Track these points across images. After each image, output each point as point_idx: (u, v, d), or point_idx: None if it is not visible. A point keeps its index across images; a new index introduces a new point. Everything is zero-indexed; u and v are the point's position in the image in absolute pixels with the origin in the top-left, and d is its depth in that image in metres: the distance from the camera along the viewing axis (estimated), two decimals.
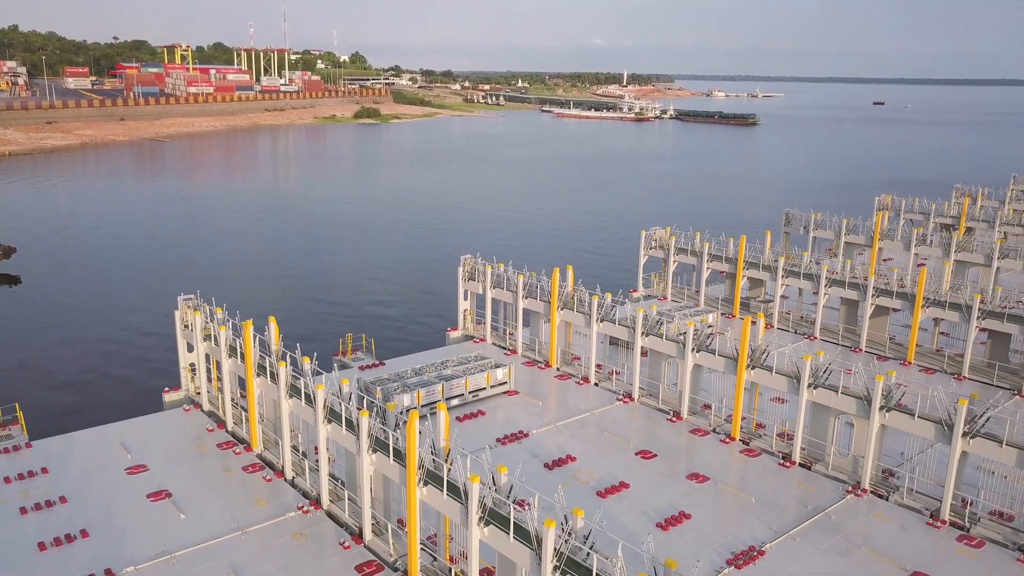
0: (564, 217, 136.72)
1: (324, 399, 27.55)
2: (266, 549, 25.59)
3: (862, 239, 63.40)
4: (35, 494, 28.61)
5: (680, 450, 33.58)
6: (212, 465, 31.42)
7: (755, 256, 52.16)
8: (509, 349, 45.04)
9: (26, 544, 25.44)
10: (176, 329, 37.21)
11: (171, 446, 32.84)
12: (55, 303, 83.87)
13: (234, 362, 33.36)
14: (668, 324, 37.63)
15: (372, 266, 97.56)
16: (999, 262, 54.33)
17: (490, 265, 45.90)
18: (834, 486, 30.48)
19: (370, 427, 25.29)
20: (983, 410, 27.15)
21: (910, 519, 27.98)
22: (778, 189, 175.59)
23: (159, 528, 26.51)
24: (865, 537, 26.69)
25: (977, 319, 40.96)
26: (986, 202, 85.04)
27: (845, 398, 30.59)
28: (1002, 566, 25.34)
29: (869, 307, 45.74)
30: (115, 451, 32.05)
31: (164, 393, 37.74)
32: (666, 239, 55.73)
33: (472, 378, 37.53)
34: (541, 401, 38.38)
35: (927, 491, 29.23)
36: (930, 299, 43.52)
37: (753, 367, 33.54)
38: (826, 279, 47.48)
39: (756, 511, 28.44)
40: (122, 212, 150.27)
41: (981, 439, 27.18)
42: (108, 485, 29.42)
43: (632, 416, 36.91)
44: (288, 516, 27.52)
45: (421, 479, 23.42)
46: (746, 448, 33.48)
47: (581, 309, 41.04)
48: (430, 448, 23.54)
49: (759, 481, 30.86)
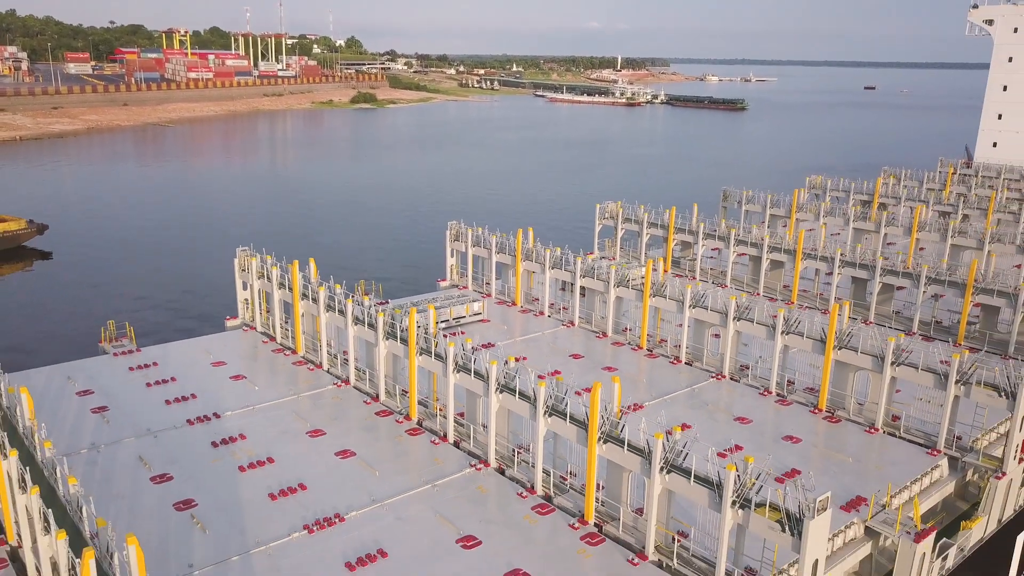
0: (541, 194, 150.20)
1: (352, 312, 40.67)
2: (316, 406, 38.74)
3: (782, 211, 76.53)
4: (151, 375, 41.76)
5: (604, 355, 46.77)
6: (270, 362, 44.62)
7: (689, 225, 65.03)
8: (485, 293, 58.10)
9: (160, 405, 38.62)
10: (235, 272, 50.16)
11: (239, 351, 46.01)
12: (120, 266, 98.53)
13: (283, 292, 46.39)
14: (600, 270, 50.66)
15: (376, 232, 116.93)
16: (918, 234, 66.73)
17: (471, 228, 58.89)
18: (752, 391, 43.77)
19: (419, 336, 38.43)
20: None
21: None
22: (742, 171, 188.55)
23: (243, 395, 39.68)
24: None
25: (880, 275, 52.75)
26: (908, 182, 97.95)
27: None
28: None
29: (765, 261, 59.03)
30: (201, 354, 45.15)
31: (227, 320, 50.81)
32: (616, 211, 68.66)
33: (456, 308, 50.67)
34: (507, 326, 51.58)
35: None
36: (809, 253, 56.75)
37: (655, 295, 46.75)
38: (734, 240, 60.69)
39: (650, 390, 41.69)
40: (139, 192, 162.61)
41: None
42: (202, 372, 42.52)
43: (572, 336, 50.15)
44: (326, 388, 40.77)
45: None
46: (649, 353, 46.82)
47: (539, 260, 54.09)
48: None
49: (657, 374, 44.11)
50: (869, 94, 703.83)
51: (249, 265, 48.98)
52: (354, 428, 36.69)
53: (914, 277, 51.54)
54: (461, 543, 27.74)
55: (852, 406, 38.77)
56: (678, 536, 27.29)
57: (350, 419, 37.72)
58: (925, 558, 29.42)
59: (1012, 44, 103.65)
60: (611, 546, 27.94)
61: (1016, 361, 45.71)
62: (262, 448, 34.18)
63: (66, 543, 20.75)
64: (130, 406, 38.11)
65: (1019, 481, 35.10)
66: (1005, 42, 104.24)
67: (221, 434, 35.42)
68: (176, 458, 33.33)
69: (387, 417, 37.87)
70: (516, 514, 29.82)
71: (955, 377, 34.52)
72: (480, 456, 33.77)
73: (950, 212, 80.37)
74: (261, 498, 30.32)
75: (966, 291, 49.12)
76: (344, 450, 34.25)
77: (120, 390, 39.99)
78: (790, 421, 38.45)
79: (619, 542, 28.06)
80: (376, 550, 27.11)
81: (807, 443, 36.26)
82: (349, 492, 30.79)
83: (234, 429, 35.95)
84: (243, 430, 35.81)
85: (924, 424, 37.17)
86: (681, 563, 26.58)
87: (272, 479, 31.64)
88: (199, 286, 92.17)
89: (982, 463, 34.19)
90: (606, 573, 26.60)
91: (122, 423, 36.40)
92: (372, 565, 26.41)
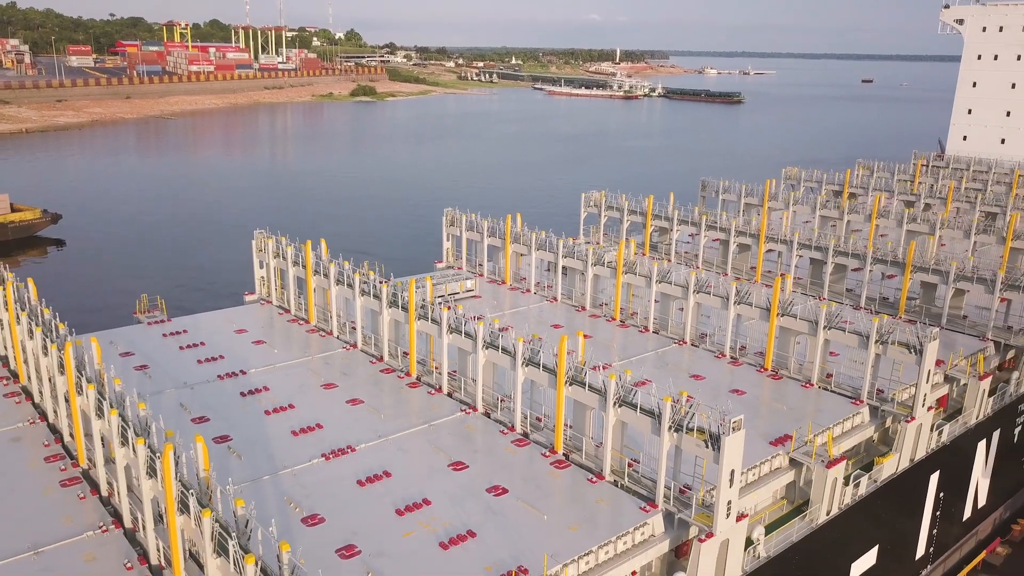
0: (536, 184, 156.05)
1: (359, 285, 46.51)
2: (328, 365, 44.63)
3: (756, 200, 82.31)
4: (183, 340, 47.66)
5: (582, 326, 52.60)
6: (287, 330, 50.51)
7: (666, 212, 70.82)
8: (478, 273, 63.91)
9: (193, 364, 44.50)
10: (253, 253, 55.94)
11: (258, 321, 51.92)
12: (134, 253, 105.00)
13: (297, 268, 52.21)
14: (580, 251, 56.44)
15: (378, 219, 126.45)
16: (880, 221, 72.60)
17: (464, 214, 64.67)
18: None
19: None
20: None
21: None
22: (731, 161, 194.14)
23: (264, 356, 45.56)
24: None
25: (832, 256, 58.68)
26: (881, 173, 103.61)
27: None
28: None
29: (732, 244, 64.91)
30: (225, 323, 51.02)
31: (245, 296, 56.65)
32: (599, 199, 74.40)
33: (451, 285, 56.53)
34: (497, 301, 57.46)
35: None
36: (772, 237, 62.58)
37: (627, 272, 52.62)
38: (705, 225, 66.52)
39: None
40: (147, 184, 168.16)
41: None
42: (227, 338, 48.37)
43: (555, 310, 56.02)
44: (336, 351, 46.68)
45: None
46: (622, 324, 52.75)
47: (526, 243, 59.89)
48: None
49: (627, 341, 50.01)
50: (867, 87, 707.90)
51: (266, 246, 54.78)
52: (362, 382, 42.63)
53: (862, 258, 57.42)
54: (452, 467, 33.70)
55: (793, 365, 44.69)
56: (631, 462, 33.25)
57: (358, 375, 43.65)
58: (837, 483, 35.44)
59: (981, 42, 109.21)
60: (575, 470, 33.89)
61: (945, 330, 51.58)
62: (284, 397, 40.10)
63: (145, 446, 26.62)
64: (167, 365, 44.01)
65: (928, 426, 41.07)
66: (974, 40, 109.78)
67: (247, 387, 41.36)
68: (211, 405, 39.22)
69: (390, 374, 43.80)
70: (498, 446, 35.79)
71: (875, 338, 40.42)
72: (470, 403, 39.71)
73: (913, 201, 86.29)
74: (285, 434, 36.26)
75: (906, 270, 55.00)
76: (354, 399, 40.19)
77: (157, 352, 45.88)
78: (739, 379, 44.37)
79: (582, 467, 34.01)
80: (382, 472, 33.07)
81: (751, 395, 42.19)
82: (359, 430, 36.74)
83: (258, 382, 41.88)
84: (266, 383, 41.74)
85: (853, 380, 43.08)
86: (631, 482, 32.53)
87: (293, 420, 37.58)
88: (211, 269, 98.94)
89: (896, 410, 40.13)
90: (569, 489, 32.58)
91: (162, 378, 42.28)
92: (379, 483, 32.36)
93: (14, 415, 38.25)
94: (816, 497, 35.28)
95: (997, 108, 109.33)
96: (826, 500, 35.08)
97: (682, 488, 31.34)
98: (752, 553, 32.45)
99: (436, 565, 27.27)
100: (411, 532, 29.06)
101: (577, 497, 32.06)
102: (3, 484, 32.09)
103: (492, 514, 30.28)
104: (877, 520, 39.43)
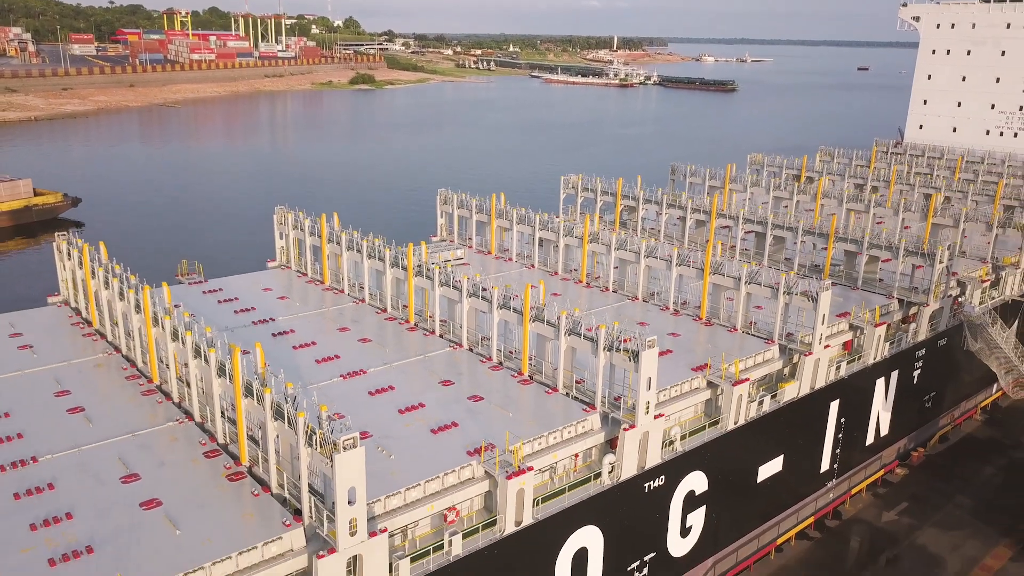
0: (525, 168, 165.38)
1: (366, 249, 56.16)
2: (341, 315, 54.39)
3: (718, 183, 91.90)
4: (219, 296, 57.40)
5: (555, 287, 62.35)
6: (305, 289, 60.30)
7: (633, 192, 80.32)
8: (468, 245, 73.58)
9: (230, 314, 54.24)
10: (274, 224, 65.57)
11: (280, 282, 61.70)
12: (154, 231, 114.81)
13: (313, 238, 61.88)
14: (553, 224, 66.04)
15: (379, 199, 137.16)
16: (824, 200, 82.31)
17: (456, 194, 74.27)
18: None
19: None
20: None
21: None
22: (712, 147, 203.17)
23: (288, 308, 55.31)
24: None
25: (771, 230, 69.08)
26: (841, 159, 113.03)
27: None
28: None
29: (689, 220, 74.70)
30: (252, 284, 60.73)
31: (268, 262, 66.36)
32: (577, 181, 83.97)
33: (443, 254, 66.27)
34: (483, 268, 67.20)
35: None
36: (722, 213, 72.27)
37: (592, 242, 62.38)
38: (666, 204, 76.22)
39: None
40: (157, 168, 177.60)
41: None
42: (256, 295, 58.07)
43: (533, 274, 65.77)
44: (347, 305, 56.42)
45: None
46: (587, 285, 62.57)
47: (508, 218, 69.54)
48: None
49: (591, 299, 59.81)
50: (862, 75, 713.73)
51: (286, 219, 64.44)
52: (370, 327, 52.46)
53: (795, 231, 67.20)
54: (442, 383, 43.63)
55: (723, 315, 54.55)
56: (579, 380, 43.15)
57: (366, 323, 53.48)
58: (743, 400, 45.38)
59: (935, 38, 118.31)
60: (537, 386, 43.81)
61: (862, 291, 61.28)
62: (307, 337, 49.91)
63: (216, 354, 36.43)
64: (210, 314, 53.66)
65: (826, 361, 50.98)
66: (929, 36, 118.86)
67: (277, 329, 51.21)
68: (249, 342, 48.68)
69: (392, 322, 53.65)
70: (479, 371, 45.69)
71: (783, 289, 50.22)
72: (457, 342, 49.55)
73: (862, 184, 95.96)
74: (309, 363, 46.09)
75: (829, 240, 64.77)
76: (364, 338, 50.06)
77: (199, 305, 55.60)
78: (677, 326, 54.23)
79: (542, 384, 43.90)
80: (387, 386, 42.96)
81: (684, 338, 52.07)
82: (369, 358, 46.61)
83: (285, 326, 51.69)
84: (292, 327, 51.56)
85: (770, 326, 52.90)
86: (578, 392, 42.44)
87: (316, 353, 47.40)
88: (222, 247, 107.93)
89: (799, 348, 50.03)
90: (532, 398, 42.52)
91: (208, 323, 51.93)
92: (385, 394, 42.23)
93: (91, 349, 48.11)
94: (725, 409, 45.20)
95: (949, 99, 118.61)
96: (733, 412, 45.01)
97: (616, 397, 41.22)
98: (671, 448, 42.42)
99: (427, 444, 37.20)
100: (409, 424, 39.00)
101: (538, 404, 41.99)
102: (96, 396, 41.95)
103: (471, 413, 40.23)
104: (781, 434, 49.47)
